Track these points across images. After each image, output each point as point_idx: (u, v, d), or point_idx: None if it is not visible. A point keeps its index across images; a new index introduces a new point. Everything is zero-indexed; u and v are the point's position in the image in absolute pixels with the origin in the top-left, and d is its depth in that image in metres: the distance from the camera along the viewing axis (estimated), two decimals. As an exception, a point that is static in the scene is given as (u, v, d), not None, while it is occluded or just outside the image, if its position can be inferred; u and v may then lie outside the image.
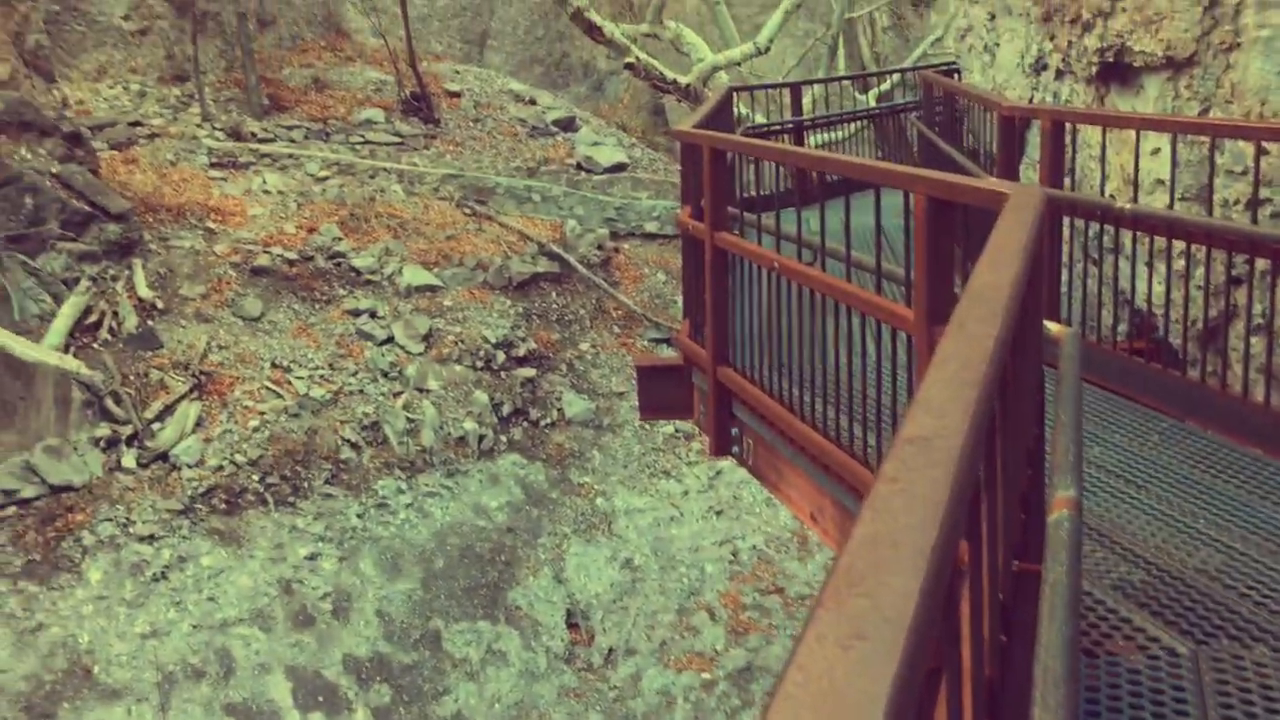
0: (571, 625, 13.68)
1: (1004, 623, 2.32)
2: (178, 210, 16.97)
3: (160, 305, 15.09)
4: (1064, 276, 6.30)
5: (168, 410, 13.76)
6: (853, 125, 15.80)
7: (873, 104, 20.48)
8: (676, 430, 16.53)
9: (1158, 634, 3.29)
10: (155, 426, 13.59)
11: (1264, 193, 5.26)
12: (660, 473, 16.00)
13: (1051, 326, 3.49)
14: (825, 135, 15.51)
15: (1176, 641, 3.24)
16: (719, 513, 15.51)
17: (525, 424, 15.90)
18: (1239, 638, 3.29)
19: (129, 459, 13.14)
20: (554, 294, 17.93)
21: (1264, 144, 5.05)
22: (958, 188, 3.60)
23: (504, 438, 15.55)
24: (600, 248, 19.07)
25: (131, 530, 12.49)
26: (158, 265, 15.73)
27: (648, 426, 16.42)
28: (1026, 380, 2.75)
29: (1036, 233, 2.77)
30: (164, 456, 13.32)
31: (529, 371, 16.41)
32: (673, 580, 14.46)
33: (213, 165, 18.87)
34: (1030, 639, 1.93)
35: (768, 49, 19.77)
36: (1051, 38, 7.34)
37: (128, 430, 13.35)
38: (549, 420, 16.10)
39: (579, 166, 21.52)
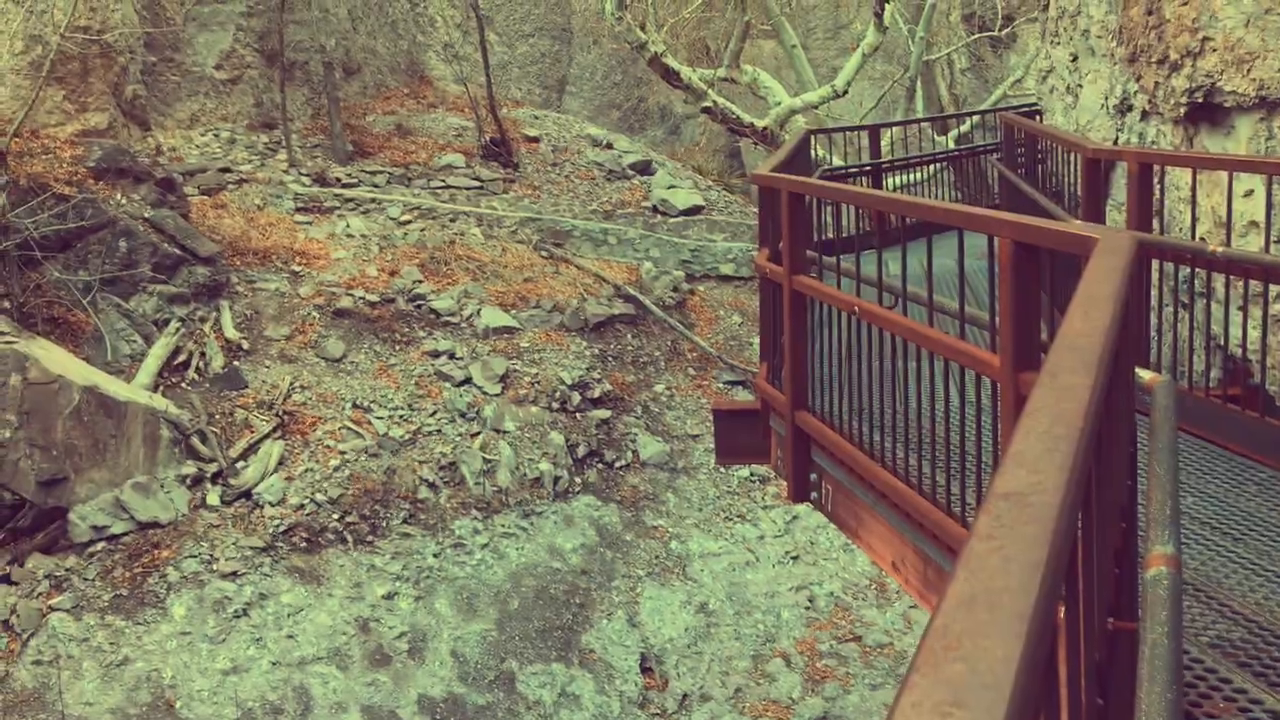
0: (645, 669, 13.58)
1: (1099, 684, 2.24)
2: (264, 253, 17.41)
3: (246, 346, 15.45)
4: (1153, 321, 6.14)
5: (251, 449, 14.04)
6: (931, 167, 15.68)
7: (951, 146, 20.31)
8: (751, 474, 16.41)
9: (1260, 696, 3.15)
10: (239, 465, 13.86)
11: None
12: (735, 516, 15.88)
13: (1144, 374, 3.39)
14: (903, 177, 15.41)
15: None
16: (795, 558, 15.33)
17: (600, 465, 15.91)
18: (1347, 701, 3.13)
19: (213, 496, 13.41)
20: (629, 336, 17.99)
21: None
22: (1044, 232, 3.54)
23: (579, 479, 15.57)
24: (676, 290, 19.12)
25: (215, 567, 12.71)
26: (244, 307, 16.12)
27: (722, 470, 16.33)
28: (1119, 431, 2.68)
29: (1128, 278, 2.70)
30: (247, 494, 13.57)
31: (604, 413, 16.45)
32: (748, 626, 14.29)
33: (298, 210, 19.34)
34: (1127, 701, 1.85)
35: (845, 92, 19.76)
36: (1137, 78, 7.21)
37: (213, 468, 13.64)
38: (623, 462, 16.10)
39: (655, 209, 21.64)
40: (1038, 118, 11.24)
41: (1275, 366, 5.52)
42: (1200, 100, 6.32)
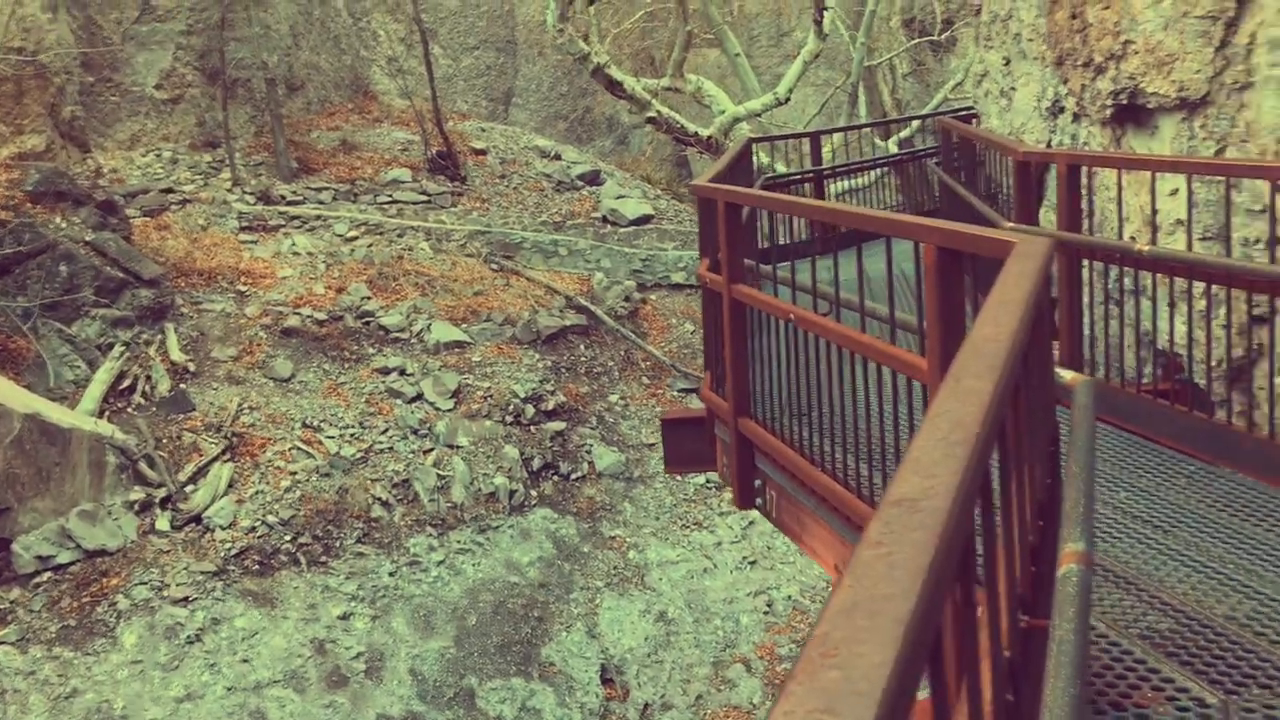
0: (606, 680, 13.57)
1: (1011, 681, 2.28)
2: (209, 274, 17.22)
3: (192, 368, 15.27)
4: (1086, 319, 6.26)
5: (200, 472, 13.88)
6: (875, 172, 15.84)
7: (894, 150, 20.54)
8: (708, 481, 16.47)
9: (1187, 684, 3.22)
10: (188, 489, 13.69)
11: (1284, 231, 5.21)
12: (692, 524, 15.92)
13: (1065, 374, 3.46)
14: (847, 183, 15.55)
15: (1206, 691, 3.17)
16: (752, 563, 15.39)
17: (556, 478, 15.89)
18: (1270, 686, 3.21)
19: (163, 522, 13.24)
20: (582, 347, 17.99)
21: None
22: (966, 237, 3.60)
23: (534, 492, 15.54)
24: (628, 299, 19.15)
25: (165, 593, 12.55)
26: (190, 329, 15.94)
27: (679, 478, 16.37)
28: (1034, 431, 2.73)
29: (1042, 282, 2.76)
30: (197, 519, 13.40)
31: (558, 425, 16.43)
32: (707, 633, 14.33)
33: (243, 229, 19.16)
34: (1039, 697, 1.90)
35: (788, 99, 19.91)
36: (1065, 81, 7.35)
37: (161, 493, 13.47)
38: (579, 473, 16.09)
39: (605, 219, 21.68)
40: (974, 121, 11.40)
41: (1203, 361, 5.64)
42: (1125, 102, 6.46)
